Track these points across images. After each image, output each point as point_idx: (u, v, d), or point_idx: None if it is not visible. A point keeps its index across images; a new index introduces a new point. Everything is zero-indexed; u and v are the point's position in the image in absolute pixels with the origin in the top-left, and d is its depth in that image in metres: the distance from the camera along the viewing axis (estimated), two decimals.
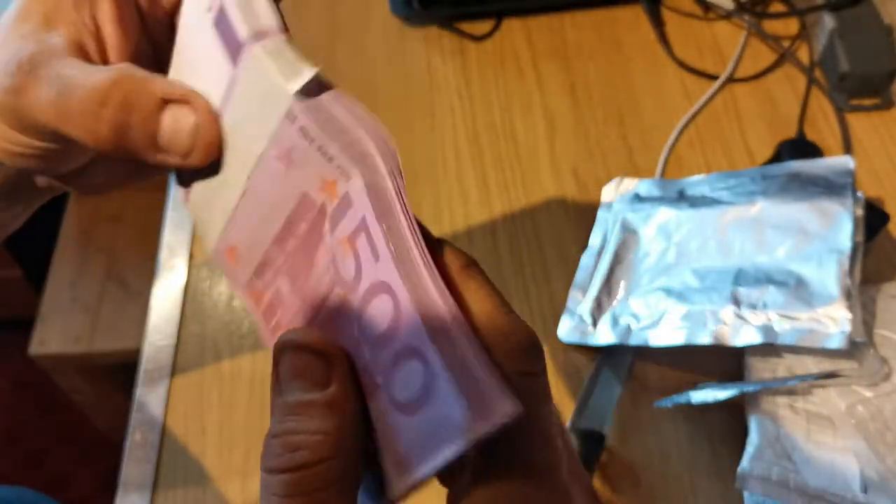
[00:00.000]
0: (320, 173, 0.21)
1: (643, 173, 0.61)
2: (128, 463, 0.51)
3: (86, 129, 0.25)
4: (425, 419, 0.18)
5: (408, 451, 0.19)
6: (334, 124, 0.21)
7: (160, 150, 0.25)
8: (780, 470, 0.42)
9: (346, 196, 0.21)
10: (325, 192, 0.22)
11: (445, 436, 0.18)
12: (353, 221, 0.21)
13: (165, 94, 0.25)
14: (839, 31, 0.62)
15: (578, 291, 0.53)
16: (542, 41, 0.70)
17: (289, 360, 0.21)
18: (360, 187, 0.20)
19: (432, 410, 0.18)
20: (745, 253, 0.48)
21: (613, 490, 0.47)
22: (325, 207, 0.22)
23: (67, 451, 1.32)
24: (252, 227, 0.25)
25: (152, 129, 0.25)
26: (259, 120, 0.22)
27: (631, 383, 0.51)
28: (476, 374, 0.18)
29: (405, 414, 0.19)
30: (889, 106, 0.63)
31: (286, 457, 0.19)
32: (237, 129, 0.24)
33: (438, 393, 0.18)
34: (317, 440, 0.19)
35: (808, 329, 0.44)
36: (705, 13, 0.70)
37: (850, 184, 0.49)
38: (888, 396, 0.44)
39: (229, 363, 0.55)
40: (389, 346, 0.20)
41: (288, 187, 0.23)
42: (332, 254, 0.22)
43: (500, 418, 0.17)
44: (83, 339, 1.05)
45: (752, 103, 0.64)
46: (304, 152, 0.21)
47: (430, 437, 0.18)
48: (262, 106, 0.22)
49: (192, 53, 0.26)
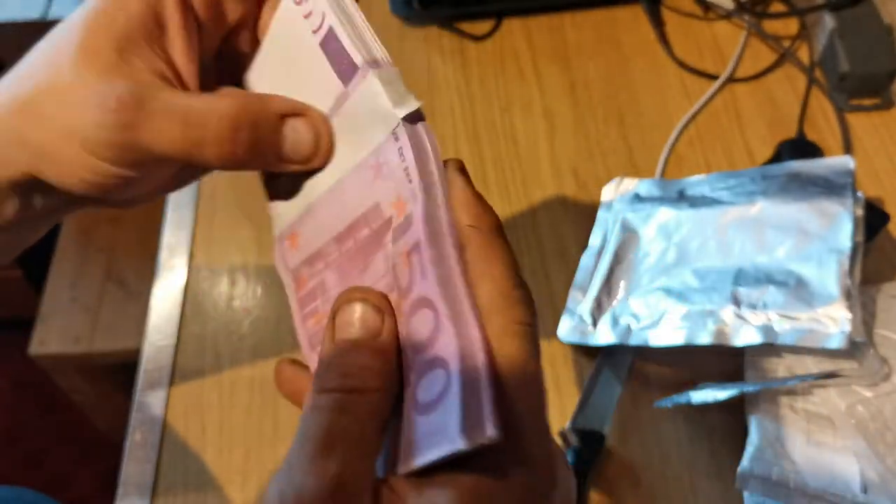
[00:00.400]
0: (398, 190, 0.25)
1: (643, 173, 0.61)
2: (128, 463, 0.51)
3: (221, 154, 0.27)
4: (433, 421, 0.22)
5: (415, 441, 0.22)
6: (420, 152, 0.25)
7: (284, 160, 0.28)
8: (780, 470, 0.42)
9: (409, 216, 0.24)
10: (395, 207, 0.25)
11: (440, 440, 0.21)
12: (411, 240, 0.24)
13: (283, 110, 0.28)
14: (839, 31, 0.62)
15: (578, 291, 0.53)
16: (542, 41, 0.70)
17: (350, 309, 0.24)
18: (420, 214, 0.24)
19: (439, 416, 0.21)
20: (745, 253, 0.48)
21: (613, 490, 0.47)
22: (392, 220, 0.25)
23: (67, 451, 1.32)
24: (321, 220, 0.28)
25: (278, 142, 0.28)
26: (365, 133, 0.26)
27: (631, 383, 0.51)
28: (481, 400, 0.21)
29: (419, 413, 0.22)
30: (889, 106, 0.63)
31: (340, 380, 0.22)
32: (340, 136, 0.28)
33: (447, 405, 0.21)
34: (367, 373, 0.23)
35: (808, 329, 0.44)
36: (705, 13, 0.70)
37: (850, 184, 0.49)
38: (888, 396, 0.44)
39: (229, 363, 0.55)
40: (425, 352, 0.23)
41: (366, 194, 0.26)
42: (392, 262, 0.25)
43: (481, 440, 0.20)
44: (83, 339, 1.05)
45: (752, 103, 0.64)
46: (392, 169, 0.25)
47: (430, 437, 0.21)
48: (372, 123, 0.26)
49: (288, 67, 0.29)
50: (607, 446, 0.48)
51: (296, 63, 0.29)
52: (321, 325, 0.27)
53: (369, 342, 0.24)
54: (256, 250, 0.60)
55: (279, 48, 0.30)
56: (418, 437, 0.22)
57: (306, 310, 0.27)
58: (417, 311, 0.23)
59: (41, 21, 1.04)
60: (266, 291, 0.58)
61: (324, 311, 0.27)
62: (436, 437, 0.21)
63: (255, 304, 0.57)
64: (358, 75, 0.26)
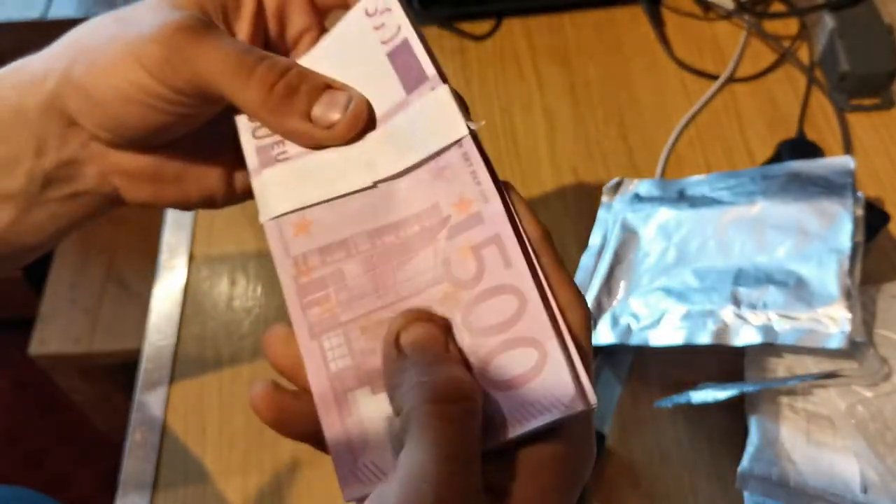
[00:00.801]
0: (461, 192, 0.27)
1: (643, 173, 0.61)
2: (128, 463, 0.51)
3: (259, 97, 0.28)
4: (527, 393, 0.24)
5: (505, 414, 0.24)
6: (486, 159, 0.27)
7: (309, 121, 0.29)
8: (779, 470, 0.42)
9: (477, 215, 0.26)
10: (456, 207, 0.27)
11: (546, 407, 0.23)
12: (483, 235, 0.26)
13: (330, 82, 0.30)
14: (839, 30, 0.62)
15: None
16: (542, 41, 0.70)
17: (417, 328, 0.25)
18: (499, 210, 0.26)
19: (539, 387, 0.23)
20: (745, 253, 0.48)
21: (613, 490, 0.47)
22: (450, 219, 0.27)
23: (67, 451, 1.32)
24: (351, 213, 0.29)
25: (311, 101, 0.29)
26: (420, 140, 0.28)
27: (631, 383, 0.51)
28: (581, 372, 0.24)
29: (500, 389, 0.24)
30: (889, 106, 0.63)
31: (457, 391, 0.23)
32: (388, 139, 0.29)
33: (549, 376, 0.24)
34: (470, 381, 0.24)
35: (808, 329, 0.44)
36: (705, 13, 0.70)
37: (851, 184, 0.49)
38: (888, 396, 0.44)
39: (229, 363, 0.55)
40: (501, 335, 0.25)
41: (422, 194, 0.28)
42: (446, 256, 0.26)
43: (586, 406, 0.23)
44: (83, 339, 1.05)
45: (753, 103, 0.64)
46: (456, 172, 0.27)
47: (529, 407, 0.23)
48: (432, 131, 0.28)
49: (346, 68, 0.31)
50: (607, 446, 0.48)
51: (355, 66, 0.31)
52: (331, 314, 0.27)
53: (450, 357, 0.25)
54: (256, 250, 0.60)
55: (339, 50, 0.32)
56: (508, 410, 0.24)
57: (310, 297, 0.27)
58: (492, 298, 0.25)
59: (41, 21, 1.04)
60: (266, 291, 0.58)
61: (338, 299, 0.27)
62: (536, 406, 0.23)
63: (255, 304, 0.57)
64: (425, 86, 0.29)
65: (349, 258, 0.28)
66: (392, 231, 0.28)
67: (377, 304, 0.27)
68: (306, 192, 0.29)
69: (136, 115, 0.29)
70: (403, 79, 0.29)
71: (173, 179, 0.33)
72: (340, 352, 0.26)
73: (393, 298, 0.27)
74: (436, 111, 0.28)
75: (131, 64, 0.28)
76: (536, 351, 0.24)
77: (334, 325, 0.27)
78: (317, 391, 0.26)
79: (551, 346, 0.24)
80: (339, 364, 0.26)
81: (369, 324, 0.26)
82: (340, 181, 0.29)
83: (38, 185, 0.31)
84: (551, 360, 0.24)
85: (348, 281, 0.27)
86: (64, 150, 0.31)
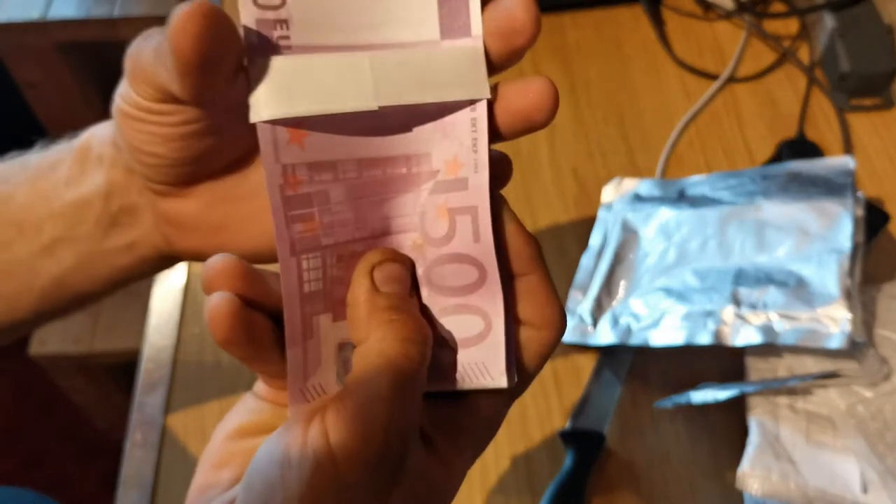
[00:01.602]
0: (457, 153, 0.27)
1: (643, 173, 0.61)
2: (128, 463, 0.51)
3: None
4: (465, 356, 0.26)
5: (445, 369, 0.26)
6: (490, 133, 0.27)
7: None
8: (780, 470, 0.42)
9: (464, 180, 0.26)
10: (448, 165, 0.27)
11: (481, 374, 0.26)
12: (462, 202, 0.26)
13: None
14: (839, 30, 0.62)
15: (578, 291, 0.53)
16: (542, 41, 0.70)
17: (392, 267, 0.27)
18: (484, 183, 0.26)
19: (478, 354, 0.26)
20: (745, 253, 0.48)
21: (613, 490, 0.47)
22: (438, 174, 0.27)
23: (67, 451, 1.32)
24: (344, 134, 0.27)
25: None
26: (434, 84, 0.27)
27: (631, 383, 0.51)
28: (512, 356, 0.26)
29: (441, 346, 0.26)
30: (889, 106, 0.63)
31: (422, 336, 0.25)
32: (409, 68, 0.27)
33: (487, 348, 0.26)
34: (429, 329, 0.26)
35: (809, 329, 0.44)
36: (705, 13, 0.70)
37: (851, 184, 0.49)
38: (888, 396, 0.44)
39: (229, 363, 0.55)
40: (452, 298, 0.27)
41: (420, 140, 0.27)
42: (424, 209, 0.27)
43: (510, 384, 0.26)
44: (83, 339, 1.05)
45: (753, 103, 0.64)
46: (459, 133, 0.27)
47: (462, 368, 0.26)
48: (450, 81, 0.27)
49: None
50: (607, 446, 0.48)
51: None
52: (313, 235, 0.26)
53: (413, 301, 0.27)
54: None
55: None
56: (443, 366, 0.26)
57: (296, 212, 0.26)
58: (455, 263, 0.27)
59: (41, 21, 1.04)
60: None
61: (321, 221, 0.26)
62: (473, 371, 0.26)
63: None
64: (464, 40, 0.27)
65: (336, 182, 0.27)
66: (380, 165, 0.27)
67: (354, 236, 0.27)
68: (307, 97, 0.27)
69: (170, 147, 0.29)
70: (443, 23, 0.27)
71: (217, 227, 0.33)
72: (315, 275, 0.26)
73: (368, 234, 0.27)
74: (464, 63, 0.27)
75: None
76: (483, 322, 0.26)
77: (315, 246, 0.26)
78: (288, 310, 0.25)
79: (497, 322, 0.26)
80: (312, 287, 0.26)
81: (345, 253, 0.27)
82: (344, 95, 0.27)
83: (102, 230, 0.32)
84: (493, 333, 0.26)
85: (332, 205, 0.27)
86: (126, 195, 0.32)
